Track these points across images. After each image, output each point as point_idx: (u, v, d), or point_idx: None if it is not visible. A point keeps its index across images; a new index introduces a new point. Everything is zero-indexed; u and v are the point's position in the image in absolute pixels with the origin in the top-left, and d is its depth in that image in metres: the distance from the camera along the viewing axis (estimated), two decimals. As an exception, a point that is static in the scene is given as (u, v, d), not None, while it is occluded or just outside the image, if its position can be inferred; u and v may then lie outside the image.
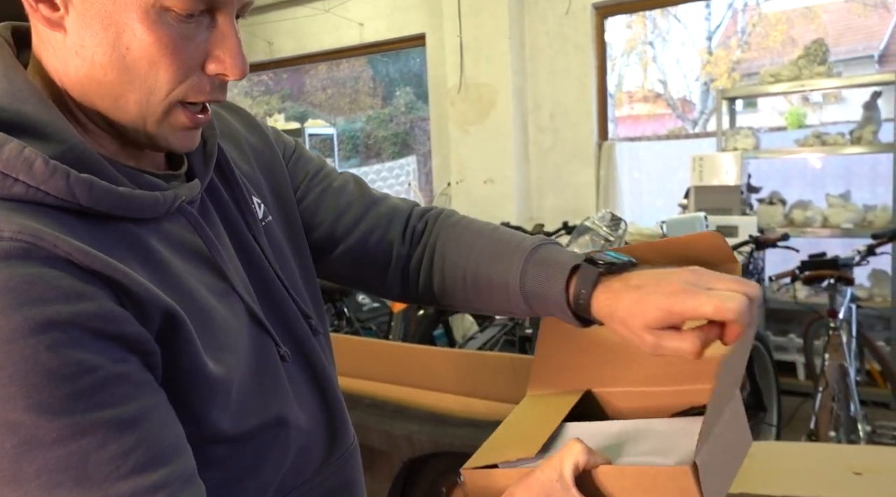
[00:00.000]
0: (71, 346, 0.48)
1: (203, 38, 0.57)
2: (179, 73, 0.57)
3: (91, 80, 0.57)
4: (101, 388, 0.49)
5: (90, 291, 0.50)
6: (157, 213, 0.59)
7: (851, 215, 3.52)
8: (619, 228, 2.83)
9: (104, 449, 0.49)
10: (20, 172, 0.51)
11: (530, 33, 4.35)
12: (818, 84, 3.62)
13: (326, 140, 6.50)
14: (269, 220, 0.74)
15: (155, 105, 0.57)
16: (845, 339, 2.48)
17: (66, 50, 0.56)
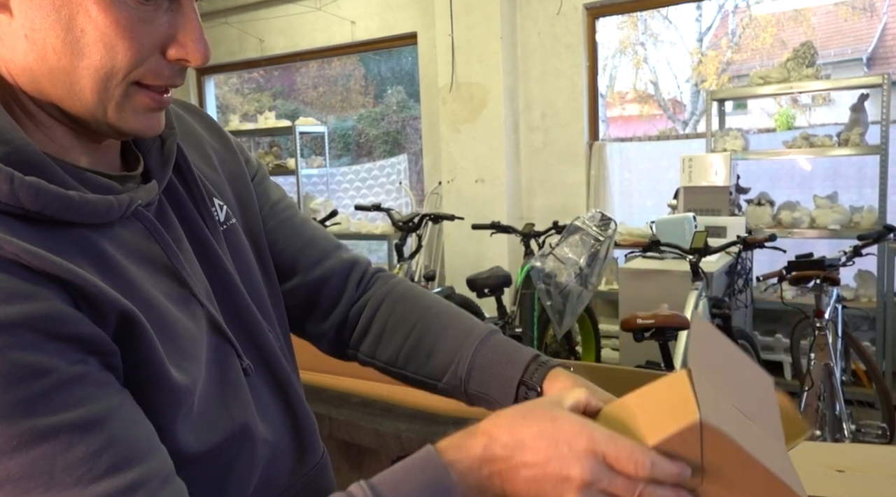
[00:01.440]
0: (21, 348, 0.46)
1: (162, 22, 0.55)
2: (137, 57, 0.54)
3: (43, 65, 0.53)
4: (59, 391, 0.47)
5: (40, 292, 0.48)
6: (111, 217, 0.56)
7: (838, 217, 3.55)
8: (608, 228, 2.85)
9: (70, 452, 0.47)
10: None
11: (522, 33, 4.37)
12: (807, 86, 3.65)
13: (317, 138, 6.48)
14: (232, 222, 0.71)
15: (112, 89, 0.54)
16: (831, 339, 2.51)
17: (12, 34, 0.52)
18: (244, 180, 0.77)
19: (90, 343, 0.50)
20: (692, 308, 2.51)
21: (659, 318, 2.22)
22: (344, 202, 5.96)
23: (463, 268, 4.26)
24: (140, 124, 0.57)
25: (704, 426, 0.51)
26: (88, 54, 0.52)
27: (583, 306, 2.84)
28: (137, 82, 0.55)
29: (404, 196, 5.72)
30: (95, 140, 0.59)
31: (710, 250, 2.66)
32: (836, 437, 2.44)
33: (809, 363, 2.46)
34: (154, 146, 0.64)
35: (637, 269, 3.17)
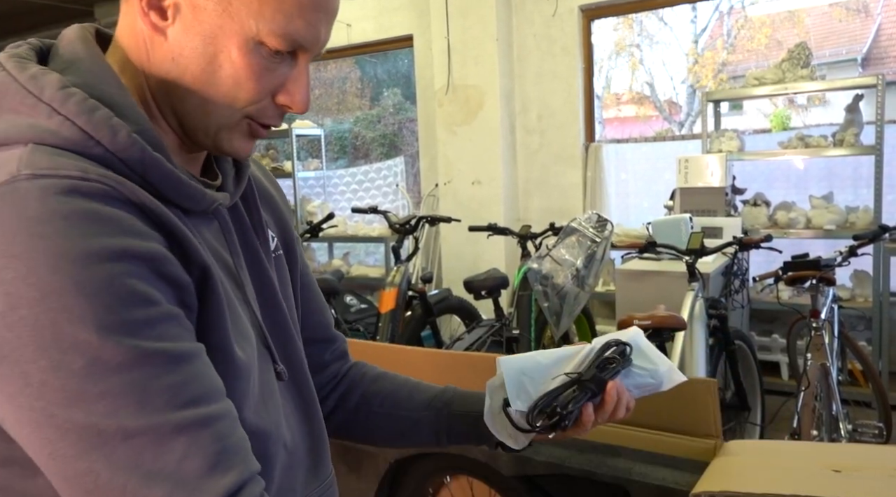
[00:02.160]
0: (140, 277, 0.54)
1: (281, 73, 0.64)
2: (256, 97, 0.64)
3: (179, 84, 0.63)
4: (161, 322, 0.54)
5: (155, 236, 0.56)
6: (200, 207, 0.65)
7: (834, 217, 3.56)
8: (605, 229, 2.85)
9: (162, 378, 0.53)
10: (104, 137, 0.57)
11: (518, 35, 4.37)
12: (802, 87, 3.67)
13: (314, 141, 6.47)
14: (279, 252, 0.80)
15: (229, 117, 0.65)
16: (827, 340, 2.51)
17: (162, 53, 0.63)
18: (292, 237, 0.86)
19: (182, 289, 0.58)
20: (689, 309, 2.51)
21: (655, 318, 2.22)
22: (341, 205, 5.96)
23: (460, 270, 4.26)
24: (238, 147, 0.68)
25: None
26: (219, 85, 0.63)
27: (580, 307, 2.84)
28: (249, 117, 0.66)
29: (401, 198, 5.72)
30: (191, 151, 0.70)
31: (706, 251, 2.66)
32: (832, 436, 2.44)
33: (806, 363, 2.46)
34: (231, 170, 0.75)
35: (634, 271, 3.18)
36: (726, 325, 2.66)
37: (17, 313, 0.50)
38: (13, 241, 0.50)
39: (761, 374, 2.93)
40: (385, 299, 3.29)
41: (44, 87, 0.57)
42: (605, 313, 4.20)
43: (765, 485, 1.03)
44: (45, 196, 0.52)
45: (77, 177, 0.54)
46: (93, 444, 0.51)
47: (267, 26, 0.61)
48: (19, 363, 0.50)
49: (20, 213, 0.51)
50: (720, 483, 1.06)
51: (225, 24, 0.61)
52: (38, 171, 0.53)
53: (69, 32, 0.65)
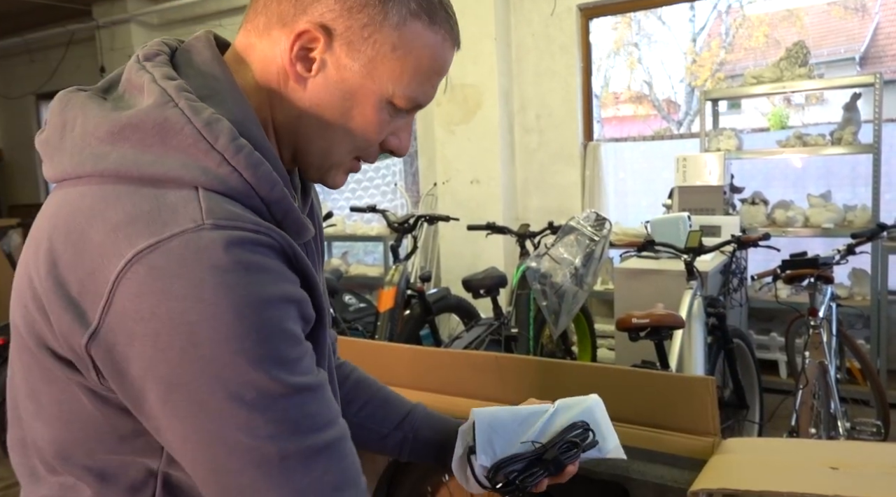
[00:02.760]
0: (293, 320, 0.62)
1: (395, 124, 0.73)
2: (373, 144, 0.73)
3: (310, 128, 0.70)
4: (304, 357, 0.63)
5: (297, 280, 0.64)
6: (306, 239, 0.72)
7: (832, 215, 3.56)
8: (603, 228, 2.86)
9: (307, 407, 0.62)
10: (262, 190, 0.63)
11: (516, 34, 4.37)
12: (799, 85, 3.67)
13: (312, 140, 6.47)
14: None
15: (346, 156, 0.73)
16: (826, 338, 2.52)
17: (298, 100, 0.69)
18: (322, 246, 0.92)
19: (309, 324, 0.66)
20: (687, 307, 2.52)
21: (654, 317, 2.22)
22: (339, 204, 5.95)
23: (458, 269, 4.26)
24: (339, 181, 0.76)
25: None
26: (347, 134, 0.71)
27: (578, 306, 2.84)
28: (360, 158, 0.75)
29: (399, 197, 5.72)
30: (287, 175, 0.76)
31: (704, 249, 2.66)
32: (830, 434, 2.45)
33: (804, 361, 2.47)
34: (300, 187, 0.81)
35: (632, 269, 3.18)
36: (725, 323, 2.66)
37: (199, 351, 0.56)
38: (201, 286, 0.56)
39: (759, 373, 2.93)
40: (384, 298, 3.29)
41: (218, 136, 0.61)
42: (604, 312, 4.20)
43: (763, 482, 1.03)
44: (229, 247, 0.57)
45: (252, 230, 0.60)
46: (256, 462, 0.59)
47: (402, 90, 0.69)
48: (198, 392, 0.57)
49: (207, 261, 0.56)
50: (718, 481, 1.07)
51: (366, 85, 0.68)
52: (219, 222, 0.58)
53: (201, 47, 0.70)
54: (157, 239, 0.56)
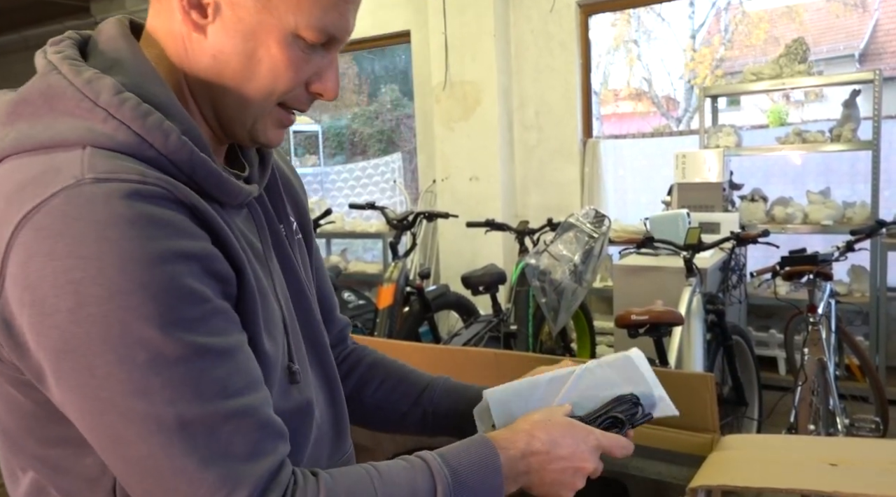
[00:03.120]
0: (195, 276, 0.58)
1: (315, 62, 0.68)
2: (292, 87, 0.68)
3: (219, 80, 0.66)
4: (212, 317, 0.59)
5: (203, 235, 0.60)
6: (236, 201, 0.69)
7: (831, 212, 3.56)
8: (602, 225, 2.85)
9: (214, 370, 0.58)
10: (156, 140, 0.60)
11: (515, 31, 4.36)
12: (799, 82, 3.66)
13: (311, 137, 6.48)
14: (299, 237, 0.84)
15: (266, 106, 0.68)
16: (825, 334, 2.52)
17: (201, 50, 0.66)
18: (308, 222, 0.90)
19: (227, 283, 0.62)
20: (686, 304, 2.52)
21: (653, 314, 2.22)
22: (338, 201, 5.95)
23: (458, 265, 4.26)
24: (272, 135, 0.71)
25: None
26: (258, 79, 0.66)
27: (577, 303, 2.84)
28: (282, 104, 0.69)
29: (399, 194, 5.71)
30: (222, 142, 0.73)
31: (703, 246, 2.66)
32: (829, 431, 2.45)
33: (803, 358, 2.47)
34: (255, 158, 0.78)
35: (631, 266, 3.18)
36: (724, 320, 2.66)
37: (86, 310, 0.53)
38: (82, 242, 0.53)
39: (758, 369, 2.93)
40: (383, 295, 3.29)
41: (100, 92, 0.60)
42: (603, 309, 4.20)
43: (762, 479, 1.03)
44: (110, 200, 0.55)
45: (137, 181, 0.57)
46: (153, 430, 0.55)
47: (304, 20, 0.64)
48: (86, 356, 0.54)
49: (87, 215, 0.54)
50: (717, 477, 1.07)
51: (264, 20, 0.64)
52: (100, 175, 0.56)
53: (109, 28, 0.68)
54: (41, 199, 0.55)
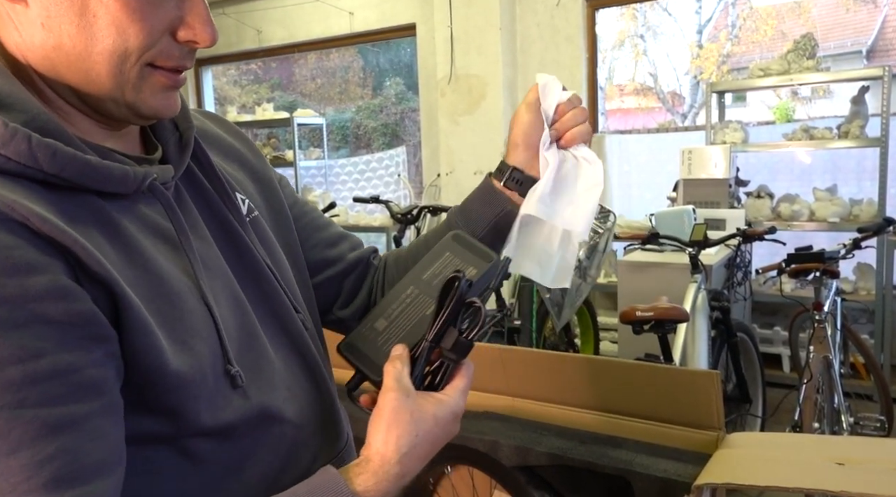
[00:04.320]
0: (13, 327, 0.45)
1: (171, 6, 0.56)
2: (148, 39, 0.55)
3: (59, 52, 0.54)
4: (34, 383, 0.45)
5: (43, 263, 0.47)
6: (127, 188, 0.57)
7: (838, 209, 3.54)
8: (607, 221, 2.84)
9: (15, 455, 0.45)
10: None
11: (521, 24, 4.34)
12: (807, 78, 3.64)
13: (316, 130, 6.46)
14: (254, 214, 0.72)
15: (127, 71, 0.56)
16: (830, 332, 2.51)
17: (29, 23, 0.54)
18: (268, 178, 0.79)
19: (88, 323, 0.49)
20: (691, 301, 2.50)
21: (658, 310, 2.21)
22: (342, 194, 5.94)
23: (461, 260, 4.24)
24: (158, 103, 0.59)
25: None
26: (101, 38, 0.54)
27: (581, 299, 2.84)
28: (151, 64, 0.57)
29: (403, 188, 5.70)
30: (115, 127, 0.61)
31: (709, 243, 2.65)
32: (834, 429, 2.44)
33: (808, 356, 2.46)
34: (173, 137, 0.67)
35: (636, 262, 3.17)
36: (729, 317, 2.65)
37: None
38: None
39: (763, 367, 2.92)
40: (386, 289, 3.28)
41: None
42: (607, 305, 4.19)
43: (768, 477, 1.03)
44: None
45: None
46: None
47: None
48: None
49: None
50: (722, 475, 1.06)
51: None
52: None
53: None
54: None
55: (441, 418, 0.62)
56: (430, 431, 0.61)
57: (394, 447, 0.59)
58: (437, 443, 0.62)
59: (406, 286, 0.70)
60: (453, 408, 0.63)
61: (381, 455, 0.59)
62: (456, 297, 0.63)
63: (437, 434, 0.62)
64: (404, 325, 0.67)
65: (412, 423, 0.60)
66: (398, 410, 0.60)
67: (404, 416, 0.60)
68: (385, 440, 0.59)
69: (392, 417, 0.59)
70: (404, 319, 0.68)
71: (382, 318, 0.68)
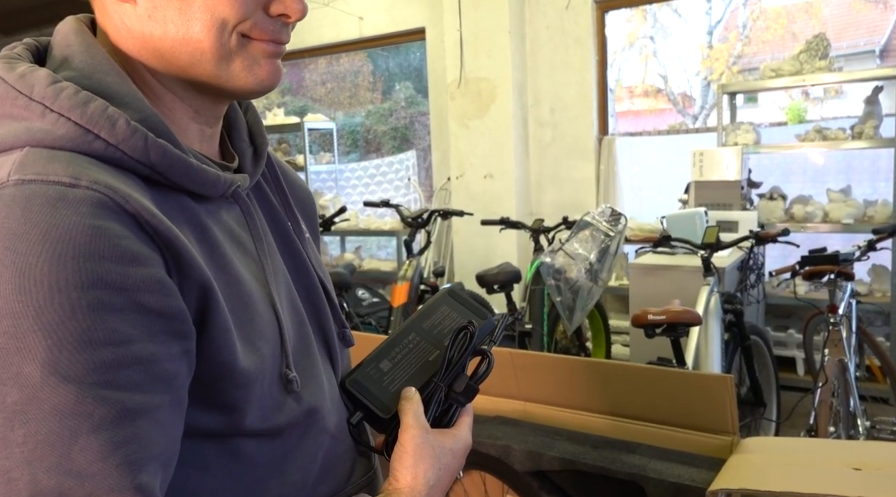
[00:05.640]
0: (111, 311, 0.48)
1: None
2: (241, 11, 0.58)
3: (166, 39, 0.59)
4: (121, 367, 0.48)
5: (146, 255, 0.50)
6: (217, 192, 0.61)
7: (852, 210, 3.51)
8: (619, 223, 2.83)
9: (96, 434, 0.46)
10: (102, 129, 0.53)
11: (531, 27, 4.34)
12: (819, 79, 3.61)
13: (326, 135, 6.48)
14: (307, 235, 0.77)
15: (227, 41, 0.59)
16: (845, 335, 2.48)
17: (137, 19, 0.59)
18: (315, 222, 0.84)
19: (173, 319, 0.52)
20: (704, 304, 2.49)
21: (670, 314, 2.20)
22: (353, 198, 5.96)
23: (472, 263, 4.24)
24: (259, 74, 0.61)
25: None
26: (200, 16, 0.58)
27: (593, 302, 2.82)
28: (248, 36, 0.60)
29: (413, 192, 5.71)
30: (208, 124, 0.65)
31: (721, 245, 2.63)
32: (850, 433, 2.41)
33: (823, 359, 2.44)
34: (249, 149, 0.71)
35: (648, 265, 3.15)
36: (742, 320, 2.63)
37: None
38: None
39: (777, 370, 2.90)
40: (397, 293, 3.29)
41: (33, 85, 0.54)
42: (619, 308, 4.17)
43: (784, 483, 1.01)
44: (29, 205, 0.48)
45: (66, 183, 0.49)
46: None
47: None
48: None
49: (1, 222, 0.47)
50: (737, 480, 1.05)
51: None
52: (26, 176, 0.49)
53: (63, 26, 0.62)
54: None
55: (457, 452, 0.68)
56: (450, 464, 0.67)
57: (422, 480, 0.63)
58: (454, 474, 0.69)
59: (408, 332, 0.75)
60: (465, 442, 0.70)
61: (411, 488, 0.63)
62: (468, 345, 0.70)
63: (455, 466, 0.68)
64: (408, 368, 0.73)
65: (435, 457, 0.65)
66: (422, 446, 0.65)
67: (427, 451, 0.65)
68: (414, 474, 0.63)
69: (417, 453, 0.64)
70: (408, 363, 0.73)
71: (387, 359, 0.74)
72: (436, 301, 0.77)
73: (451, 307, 0.76)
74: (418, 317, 0.76)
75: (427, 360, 0.72)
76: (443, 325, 0.74)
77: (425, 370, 0.72)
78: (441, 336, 0.72)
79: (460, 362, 0.70)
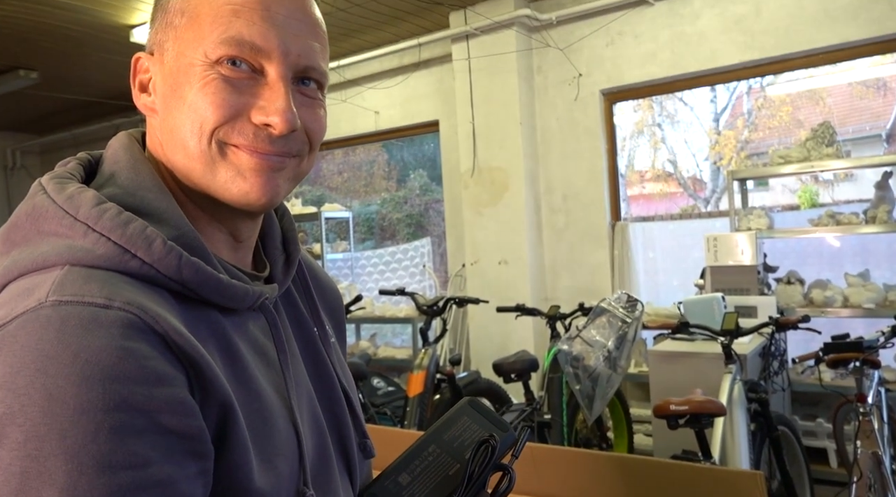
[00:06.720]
0: (132, 434, 0.48)
1: (252, 92, 0.61)
2: (220, 113, 0.59)
3: (172, 135, 0.61)
4: (137, 490, 0.48)
5: (170, 375, 0.51)
6: (245, 304, 0.62)
7: (872, 295, 3.47)
8: (635, 310, 2.81)
9: None
10: (139, 249, 0.55)
11: (541, 119, 4.48)
12: (827, 165, 3.66)
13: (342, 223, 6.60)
14: (333, 340, 0.77)
15: (205, 148, 0.60)
16: (877, 425, 2.39)
17: (163, 131, 0.62)
18: (343, 324, 0.84)
19: (192, 440, 0.52)
20: (727, 392, 2.42)
21: (693, 404, 2.14)
22: (368, 286, 5.99)
23: (489, 350, 4.20)
24: (245, 185, 0.61)
25: None
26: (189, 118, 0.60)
27: (613, 390, 2.76)
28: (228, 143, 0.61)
29: (428, 278, 5.73)
30: (236, 238, 0.67)
31: (741, 331, 2.59)
32: (891, 531, 2.28)
33: (856, 452, 2.34)
34: (281, 257, 0.73)
35: (667, 352, 3.10)
36: (768, 409, 2.55)
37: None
38: (19, 372, 0.47)
39: (808, 463, 2.78)
40: (413, 383, 3.24)
41: (79, 206, 0.56)
42: (639, 396, 4.07)
43: None
44: (64, 327, 0.49)
45: (100, 304, 0.51)
46: None
47: (211, 43, 0.59)
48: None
49: (33, 344, 0.48)
50: None
51: (181, 66, 0.60)
52: (63, 297, 0.51)
53: (115, 141, 0.66)
54: (2, 323, 0.51)
55: None
56: None
57: None
58: None
59: (428, 444, 0.73)
60: None
61: None
62: (490, 460, 0.68)
63: None
64: (427, 482, 0.71)
65: None
66: None
67: None
68: None
69: None
70: (427, 477, 0.71)
71: (405, 473, 0.71)
72: (456, 411, 0.76)
73: (472, 418, 0.75)
74: (439, 428, 0.75)
75: (447, 475, 0.70)
76: (463, 437, 0.73)
77: (445, 485, 0.69)
78: (462, 449, 0.71)
79: (481, 478, 0.68)
